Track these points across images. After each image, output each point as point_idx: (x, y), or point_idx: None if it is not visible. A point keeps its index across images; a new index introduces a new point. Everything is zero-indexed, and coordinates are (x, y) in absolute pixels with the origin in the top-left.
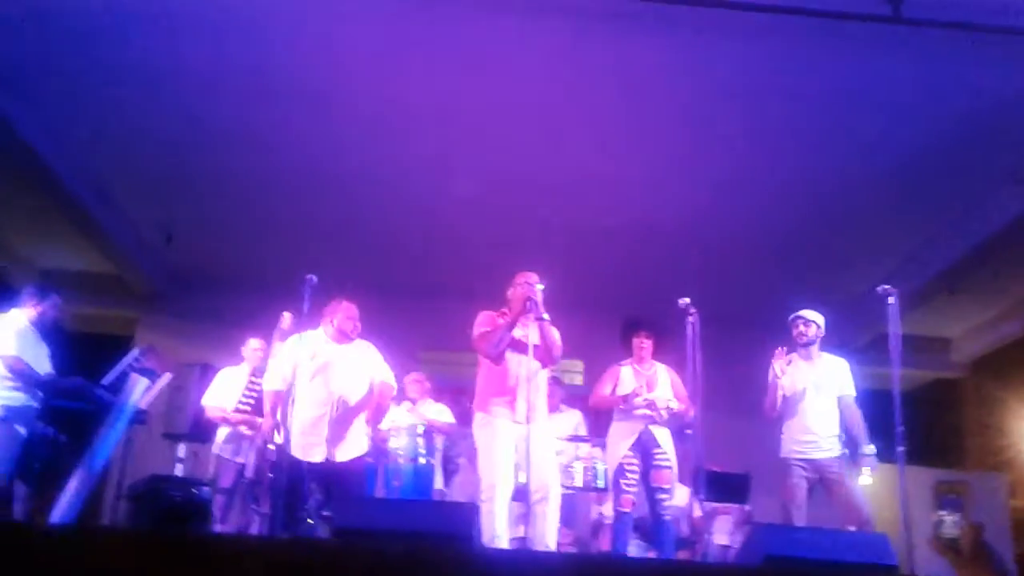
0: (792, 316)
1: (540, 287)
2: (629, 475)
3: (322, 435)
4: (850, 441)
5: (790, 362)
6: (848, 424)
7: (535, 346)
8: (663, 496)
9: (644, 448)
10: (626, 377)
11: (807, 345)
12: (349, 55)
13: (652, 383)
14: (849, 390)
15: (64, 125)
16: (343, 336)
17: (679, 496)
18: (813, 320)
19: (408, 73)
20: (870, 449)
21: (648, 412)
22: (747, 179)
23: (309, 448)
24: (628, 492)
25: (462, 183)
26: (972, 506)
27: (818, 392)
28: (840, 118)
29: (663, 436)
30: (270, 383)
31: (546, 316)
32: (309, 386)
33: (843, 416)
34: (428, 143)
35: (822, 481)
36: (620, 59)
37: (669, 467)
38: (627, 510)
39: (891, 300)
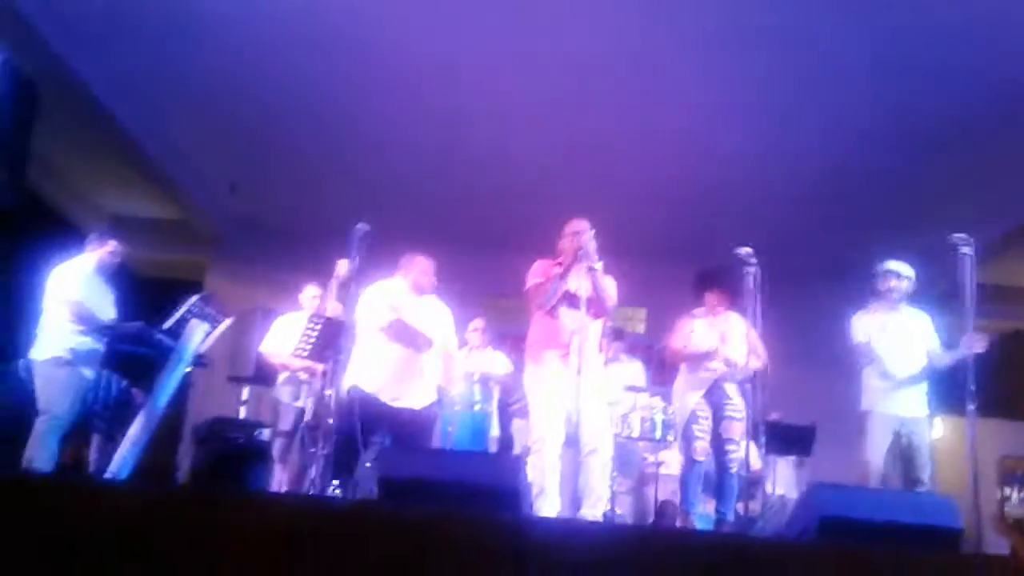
0: (883, 269)
1: (591, 234)
2: (703, 421)
3: (398, 380)
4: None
5: (872, 313)
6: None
7: (588, 298)
8: (732, 447)
9: (714, 400)
10: (700, 330)
11: (899, 301)
12: (410, 6)
13: (726, 337)
14: (935, 343)
15: (131, 78)
16: (419, 290)
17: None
18: (907, 275)
19: (468, 25)
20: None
21: (725, 368)
22: (822, 121)
23: (383, 391)
24: (701, 438)
25: (524, 135)
26: None
27: (906, 345)
28: (922, 55)
29: (732, 389)
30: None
31: (598, 265)
32: (387, 333)
33: (928, 370)
34: (489, 95)
35: (901, 438)
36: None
37: (741, 419)
38: (701, 459)
39: (965, 250)
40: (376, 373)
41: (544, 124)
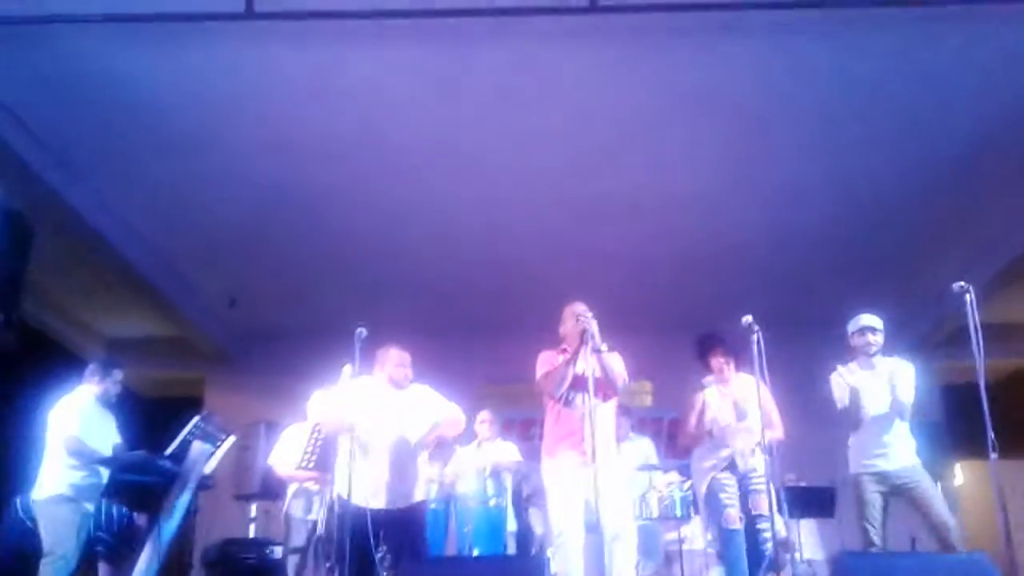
0: (856, 326)
1: (591, 316)
2: (729, 489)
3: (382, 481)
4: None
5: (851, 372)
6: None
7: (596, 379)
8: (764, 525)
9: (738, 473)
10: (713, 400)
11: (874, 355)
12: (387, 101)
13: (739, 404)
14: (909, 395)
15: (120, 199)
16: (395, 384)
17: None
18: (879, 328)
19: (449, 113)
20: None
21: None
22: (814, 183)
23: (370, 495)
24: (731, 506)
25: (516, 215)
26: None
27: (884, 400)
28: (908, 109)
29: (755, 459)
30: (325, 415)
31: (604, 347)
32: (367, 433)
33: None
34: (477, 182)
35: (898, 492)
36: (671, 72)
37: (764, 491)
38: (737, 527)
39: (968, 297)
40: (354, 477)
41: (540, 206)
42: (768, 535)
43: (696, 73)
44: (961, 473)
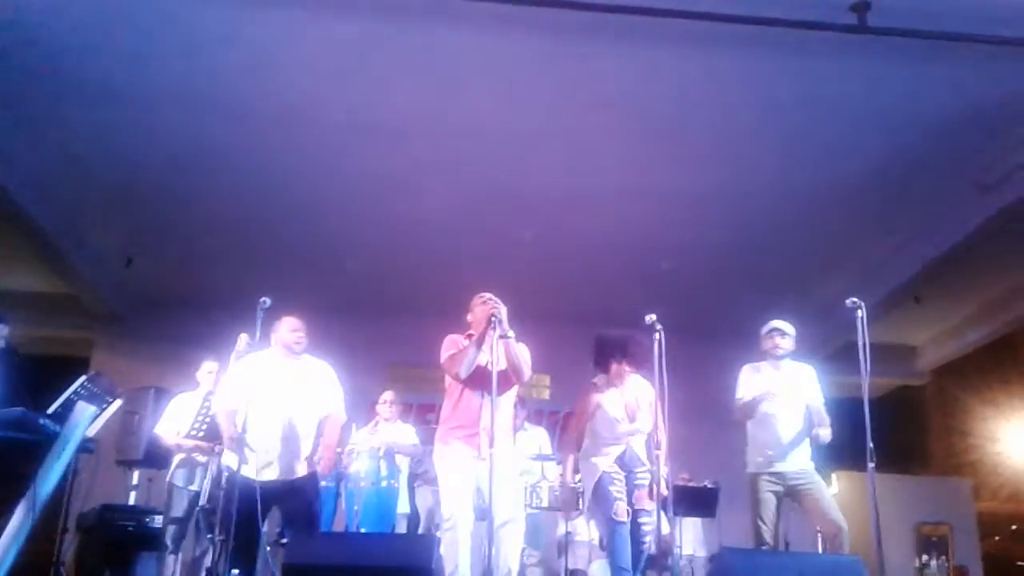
0: (767, 328)
1: (500, 304)
2: (618, 482)
3: (274, 453)
4: (817, 448)
5: (758, 370)
6: (816, 430)
7: (500, 372)
8: (645, 520)
9: (626, 463)
10: (605, 403)
11: (782, 357)
12: (311, 72)
13: (632, 411)
14: (818, 397)
15: (19, 149)
16: (289, 350)
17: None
18: (789, 333)
19: (374, 90)
20: (825, 433)
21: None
22: (714, 192)
23: (261, 468)
24: (620, 499)
25: (431, 200)
26: (955, 548)
27: (786, 402)
28: (805, 129)
29: (642, 451)
30: (219, 404)
31: (511, 334)
32: (259, 405)
33: (811, 423)
34: (397, 160)
35: (792, 493)
36: (588, 75)
37: (646, 486)
38: (624, 519)
39: (860, 313)
40: (245, 451)
41: (459, 194)
42: (649, 528)
43: (611, 78)
44: (837, 482)
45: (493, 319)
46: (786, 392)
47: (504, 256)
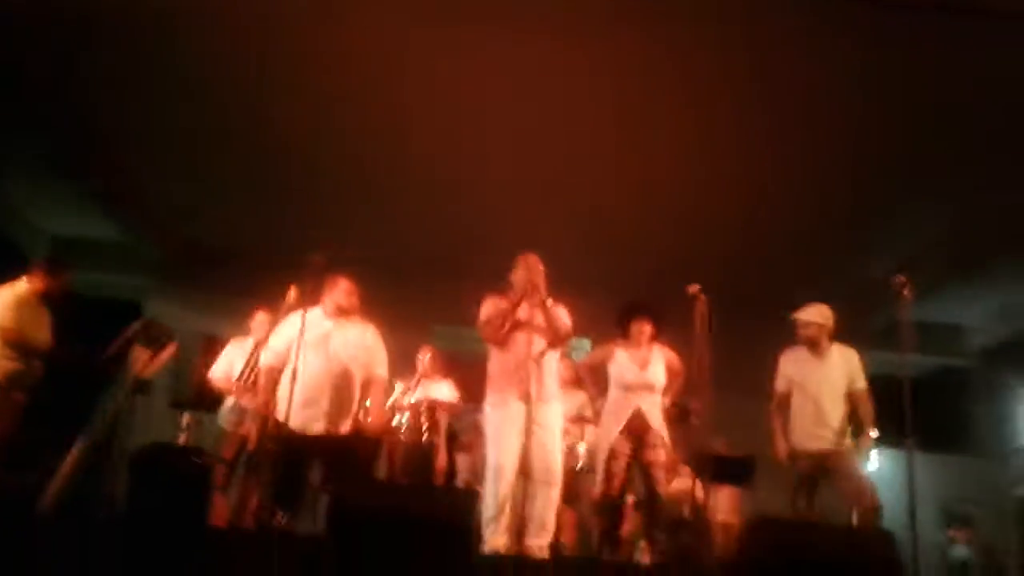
0: (802, 316)
1: (540, 269)
2: (621, 458)
3: (321, 408)
4: (858, 431)
5: (796, 358)
6: (859, 416)
7: (540, 327)
8: (657, 475)
9: (635, 430)
10: (621, 359)
11: (810, 343)
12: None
13: (646, 364)
14: (860, 383)
15: (83, 95)
16: (341, 312)
17: (683, 478)
18: (812, 321)
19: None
20: (872, 434)
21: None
22: (764, 164)
23: (309, 421)
24: (618, 475)
25: (493, 171)
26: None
27: (825, 387)
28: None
29: (656, 418)
30: (265, 359)
31: (549, 301)
32: (308, 360)
33: (854, 408)
34: (447, 124)
35: (828, 472)
36: (635, 48)
37: (662, 447)
38: (615, 495)
39: (905, 291)
40: (293, 405)
41: (501, 155)
42: (659, 489)
43: (656, 53)
44: (876, 459)
45: (530, 285)
46: (818, 383)
47: (552, 222)
